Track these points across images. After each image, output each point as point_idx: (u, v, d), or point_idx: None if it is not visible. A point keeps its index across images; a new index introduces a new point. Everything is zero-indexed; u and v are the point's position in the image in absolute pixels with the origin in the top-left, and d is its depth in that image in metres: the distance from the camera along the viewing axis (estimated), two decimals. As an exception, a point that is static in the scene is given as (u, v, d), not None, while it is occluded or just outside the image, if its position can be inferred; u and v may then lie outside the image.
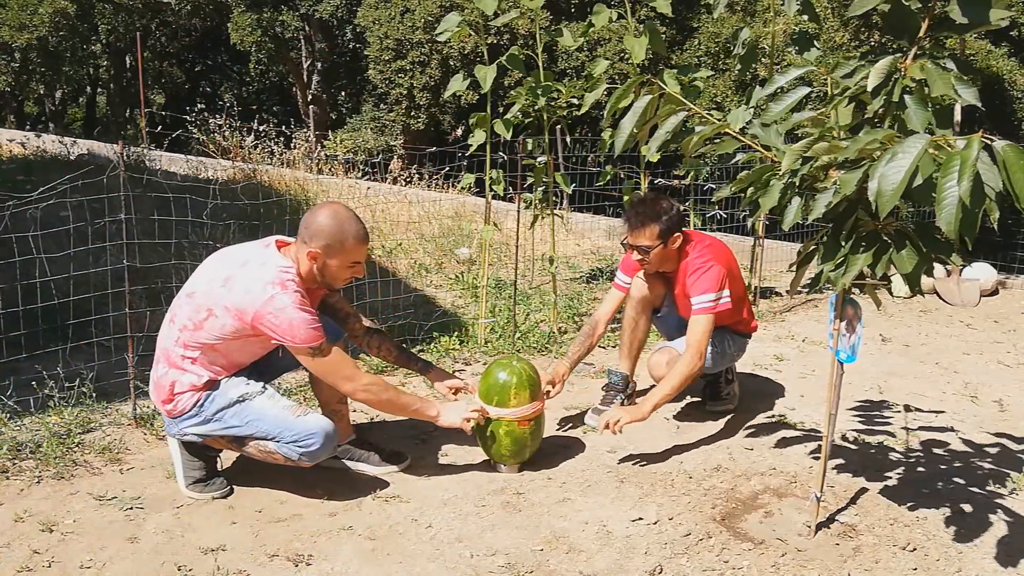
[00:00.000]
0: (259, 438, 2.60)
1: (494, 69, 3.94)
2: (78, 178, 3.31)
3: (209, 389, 2.59)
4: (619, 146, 2.48)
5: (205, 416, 2.59)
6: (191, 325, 2.55)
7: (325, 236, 2.54)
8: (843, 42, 9.55)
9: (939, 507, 2.69)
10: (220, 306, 2.51)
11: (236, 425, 2.59)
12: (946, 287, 5.82)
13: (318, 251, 2.55)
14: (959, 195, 1.63)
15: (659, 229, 3.13)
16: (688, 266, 3.21)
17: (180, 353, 2.57)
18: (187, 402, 2.58)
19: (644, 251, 3.18)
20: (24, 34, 15.44)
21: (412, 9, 12.17)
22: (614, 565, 2.35)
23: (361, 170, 9.34)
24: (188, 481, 2.68)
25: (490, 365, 2.94)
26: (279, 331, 2.48)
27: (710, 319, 3.10)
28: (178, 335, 2.57)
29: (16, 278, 3.22)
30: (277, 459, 2.62)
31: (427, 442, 3.17)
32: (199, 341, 2.55)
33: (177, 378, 2.58)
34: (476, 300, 4.89)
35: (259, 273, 2.51)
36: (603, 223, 7.58)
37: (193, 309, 2.56)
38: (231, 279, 2.53)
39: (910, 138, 1.78)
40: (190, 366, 2.57)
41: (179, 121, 9.78)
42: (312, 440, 2.56)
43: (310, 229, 2.55)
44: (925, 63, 1.98)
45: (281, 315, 2.46)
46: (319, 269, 2.59)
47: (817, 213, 2.06)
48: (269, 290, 2.47)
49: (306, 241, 2.56)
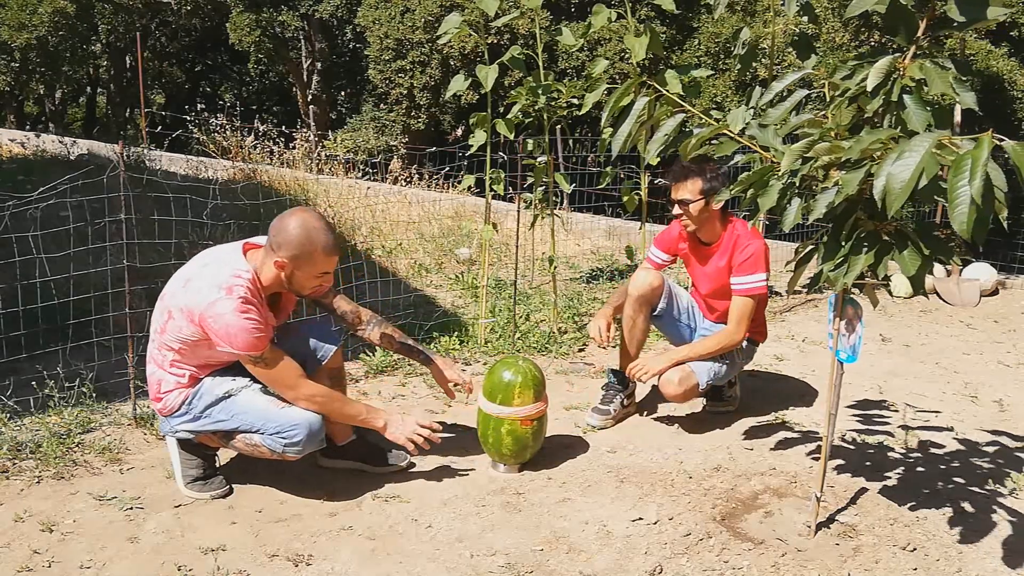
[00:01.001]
0: (244, 431, 2.59)
1: (496, 69, 3.94)
2: (78, 178, 3.31)
3: (194, 386, 2.60)
4: (616, 147, 2.48)
5: (194, 413, 2.60)
6: (159, 328, 2.55)
7: (293, 246, 2.47)
8: (843, 42, 9.55)
9: (939, 507, 2.70)
10: (176, 308, 2.49)
11: (223, 419, 2.59)
12: (946, 287, 5.82)
13: (285, 260, 2.49)
14: (971, 194, 1.63)
15: (702, 183, 3.12)
16: (739, 241, 3.18)
17: (160, 355, 2.59)
18: (175, 400, 2.60)
19: (685, 204, 3.17)
20: (24, 34, 15.43)
21: (412, 9, 12.17)
22: (614, 565, 2.35)
23: (361, 170, 9.35)
24: (187, 480, 2.68)
25: (495, 364, 2.94)
26: (218, 336, 2.43)
27: (760, 300, 3.14)
28: (154, 337, 2.59)
29: (16, 278, 3.23)
30: (264, 453, 2.61)
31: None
32: (167, 344, 2.54)
33: (163, 377, 2.60)
34: (476, 300, 4.89)
35: (213, 275, 2.48)
36: (603, 223, 7.58)
37: (159, 311, 2.56)
38: (190, 280, 2.51)
39: (917, 137, 1.78)
40: (169, 367, 2.58)
41: (179, 121, 9.80)
42: (295, 432, 2.54)
43: (278, 237, 2.49)
44: (924, 63, 1.98)
45: (219, 320, 2.42)
46: (286, 277, 2.54)
47: (818, 213, 2.06)
48: (214, 294, 2.43)
49: (274, 249, 2.50)
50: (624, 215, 6.15)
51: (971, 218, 1.65)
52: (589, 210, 7.63)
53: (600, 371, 4.04)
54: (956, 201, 1.65)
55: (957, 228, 1.66)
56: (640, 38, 4.02)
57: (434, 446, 3.10)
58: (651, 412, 3.55)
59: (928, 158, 1.73)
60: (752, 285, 3.13)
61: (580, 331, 4.58)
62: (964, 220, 1.65)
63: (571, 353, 4.31)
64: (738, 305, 3.16)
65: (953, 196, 1.66)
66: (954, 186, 1.66)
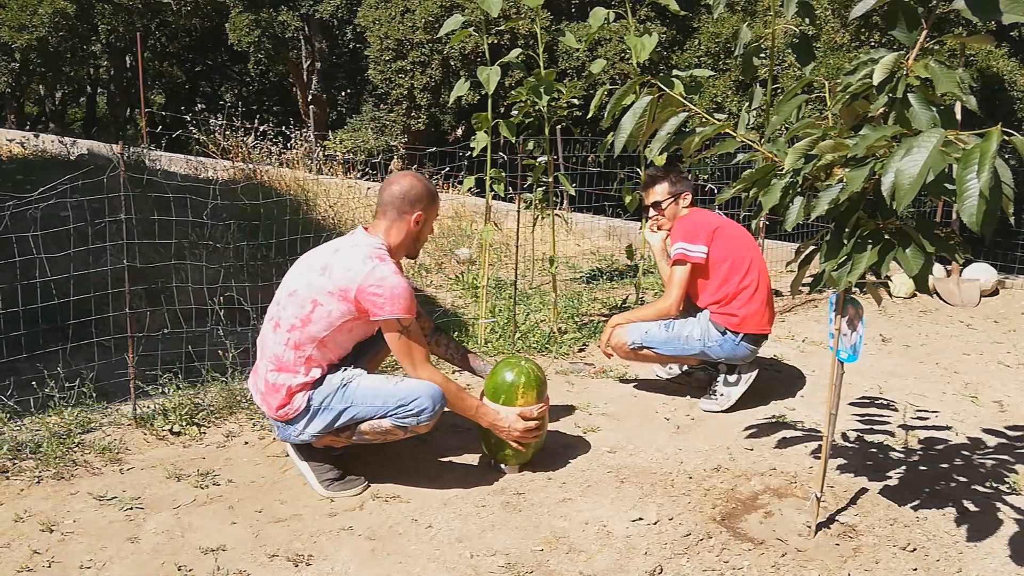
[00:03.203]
0: (370, 418, 2.62)
1: (497, 71, 3.94)
2: (78, 178, 3.30)
3: (317, 386, 2.65)
4: (619, 146, 2.48)
5: (314, 409, 2.63)
6: (299, 323, 2.62)
7: (424, 197, 2.72)
8: (844, 43, 9.55)
9: (939, 507, 2.69)
10: (324, 293, 2.59)
11: (343, 409, 2.63)
12: (946, 287, 5.82)
13: (421, 212, 2.71)
14: (980, 187, 1.63)
15: (669, 186, 3.59)
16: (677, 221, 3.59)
17: (293, 355, 2.63)
18: (301, 401, 2.64)
19: (659, 206, 3.61)
20: (24, 34, 15.44)
21: (412, 9, 12.17)
22: (614, 565, 2.35)
23: (361, 170, 9.34)
24: (325, 483, 2.71)
25: (498, 364, 2.93)
26: (384, 299, 2.55)
27: (684, 268, 3.44)
28: (287, 336, 2.63)
29: (16, 278, 3.22)
30: (396, 435, 2.65)
31: (427, 442, 3.16)
32: (310, 335, 2.61)
33: (291, 381, 2.63)
34: (476, 300, 4.89)
35: (354, 252, 2.63)
36: (603, 223, 7.58)
37: (297, 306, 2.63)
38: (328, 266, 2.62)
39: (925, 133, 1.78)
40: (303, 366, 2.63)
41: (179, 121, 9.79)
42: (418, 401, 2.58)
43: (408, 196, 2.69)
44: (928, 61, 1.98)
45: (385, 284, 2.56)
46: (417, 233, 2.74)
47: (820, 210, 2.05)
48: (368, 264, 2.57)
49: (406, 210, 2.69)
50: (624, 215, 6.15)
51: (980, 210, 1.64)
52: (589, 210, 7.63)
53: (600, 371, 4.04)
54: (965, 194, 1.65)
55: (967, 221, 1.66)
56: (643, 39, 4.03)
57: (434, 446, 3.11)
58: (651, 412, 3.55)
59: (936, 154, 1.73)
60: (675, 252, 3.47)
61: (580, 331, 4.58)
62: (973, 213, 1.65)
63: (571, 353, 4.31)
64: (668, 273, 3.54)
65: (962, 189, 1.66)
66: (963, 179, 1.66)
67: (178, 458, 2.95)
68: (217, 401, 3.35)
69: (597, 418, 3.45)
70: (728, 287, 3.44)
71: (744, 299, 3.44)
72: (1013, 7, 1.84)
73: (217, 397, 3.37)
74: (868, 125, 2.04)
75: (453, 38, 4.13)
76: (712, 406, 3.55)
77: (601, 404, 3.61)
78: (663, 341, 3.50)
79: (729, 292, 3.44)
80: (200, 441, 3.12)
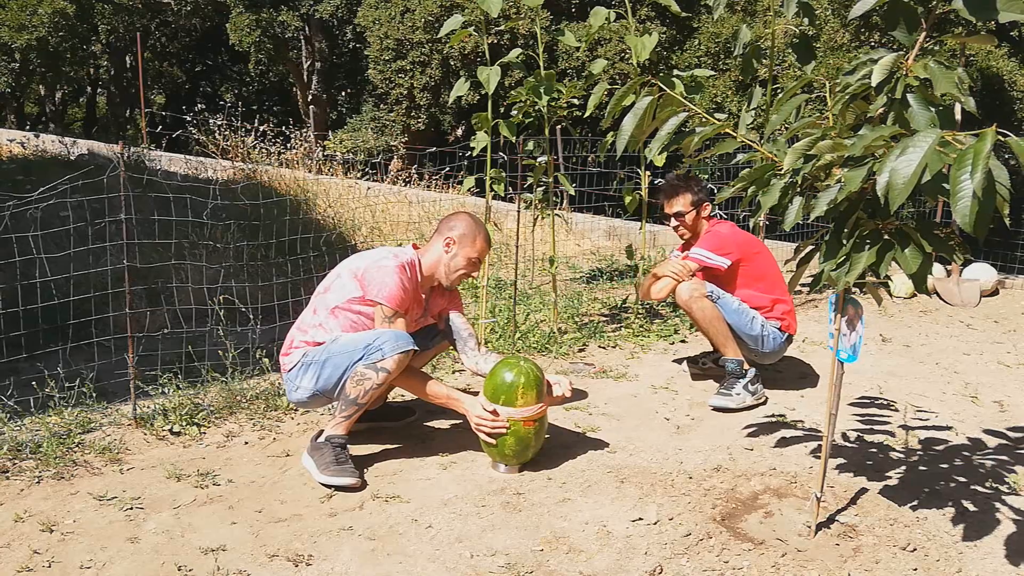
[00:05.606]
0: (346, 367, 2.77)
1: (498, 71, 3.94)
2: (78, 178, 3.30)
3: (315, 347, 2.89)
4: (620, 147, 2.48)
5: (304, 363, 2.87)
6: (323, 289, 2.96)
7: (462, 228, 3.01)
8: (844, 43, 9.55)
9: (939, 507, 2.69)
10: (348, 269, 2.93)
11: (324, 359, 2.82)
12: (946, 287, 5.82)
13: (454, 238, 3.00)
14: (973, 188, 1.63)
15: (692, 196, 3.76)
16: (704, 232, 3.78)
17: (311, 317, 2.94)
18: (297, 356, 2.89)
19: (681, 216, 3.79)
20: (24, 34, 15.44)
21: (412, 9, 12.17)
22: (614, 565, 2.35)
23: (360, 170, 9.34)
24: (321, 468, 2.80)
25: (497, 365, 2.93)
26: (372, 282, 2.85)
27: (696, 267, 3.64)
28: (313, 301, 2.97)
29: (16, 278, 3.22)
30: (371, 379, 2.76)
31: (427, 442, 3.17)
32: (326, 303, 2.91)
33: (299, 336, 2.93)
34: (476, 300, 4.89)
35: (387, 250, 3.03)
36: (603, 223, 7.58)
37: (331, 276, 2.98)
38: (364, 254, 3.02)
39: (920, 133, 1.78)
40: (313, 328, 2.90)
41: (179, 121, 9.79)
42: (381, 338, 2.76)
43: (449, 223, 3.04)
44: (927, 61, 1.98)
45: (380, 271, 2.86)
46: (449, 259, 3.00)
47: (819, 211, 2.05)
48: (386, 257, 2.93)
49: (445, 232, 3.02)
50: (624, 215, 6.15)
51: (973, 211, 1.65)
52: (589, 210, 7.63)
53: (600, 371, 4.04)
54: (959, 195, 1.66)
55: (960, 221, 1.66)
56: (643, 38, 4.03)
57: (434, 446, 3.12)
58: (651, 412, 3.55)
59: (932, 154, 1.73)
60: (693, 254, 3.69)
61: (580, 331, 4.58)
62: (967, 213, 1.65)
63: (571, 353, 4.31)
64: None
65: (955, 189, 1.66)
66: (956, 179, 1.66)
67: (178, 458, 2.95)
68: (217, 401, 3.35)
69: (597, 418, 3.45)
70: (774, 295, 3.72)
71: (785, 307, 3.74)
72: (1010, 6, 1.84)
73: (217, 397, 3.38)
74: (867, 125, 2.04)
75: (453, 38, 4.13)
76: (726, 402, 3.56)
77: (601, 404, 3.61)
78: (733, 310, 3.63)
79: (773, 299, 3.72)
80: (200, 441, 3.12)
